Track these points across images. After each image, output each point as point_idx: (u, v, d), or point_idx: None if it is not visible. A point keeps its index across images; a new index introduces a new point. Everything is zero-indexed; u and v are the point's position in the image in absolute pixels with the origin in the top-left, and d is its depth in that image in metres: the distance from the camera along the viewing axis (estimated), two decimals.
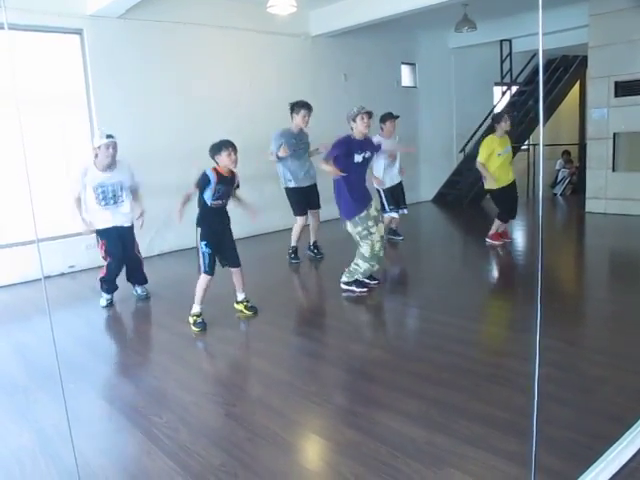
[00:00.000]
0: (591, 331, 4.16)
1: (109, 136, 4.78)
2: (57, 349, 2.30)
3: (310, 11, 8.60)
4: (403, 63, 10.54)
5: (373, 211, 5.05)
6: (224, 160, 4.23)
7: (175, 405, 3.12)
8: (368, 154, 5.02)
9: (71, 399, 3.25)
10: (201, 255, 4.38)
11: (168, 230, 7.18)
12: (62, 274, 6.41)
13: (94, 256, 5.23)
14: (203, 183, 4.23)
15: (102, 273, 5.07)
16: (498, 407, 2.86)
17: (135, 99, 6.98)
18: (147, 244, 7.21)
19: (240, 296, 4.72)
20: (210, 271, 4.38)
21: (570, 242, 7.52)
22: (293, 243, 6.45)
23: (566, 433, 2.55)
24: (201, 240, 4.36)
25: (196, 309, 4.44)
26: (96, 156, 4.81)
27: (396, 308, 4.93)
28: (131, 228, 5.13)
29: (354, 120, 4.90)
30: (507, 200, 6.67)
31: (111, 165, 4.86)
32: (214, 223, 4.39)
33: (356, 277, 5.13)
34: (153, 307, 5.12)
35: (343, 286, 5.17)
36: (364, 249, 5.01)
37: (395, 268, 6.34)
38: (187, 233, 7.13)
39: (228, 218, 4.52)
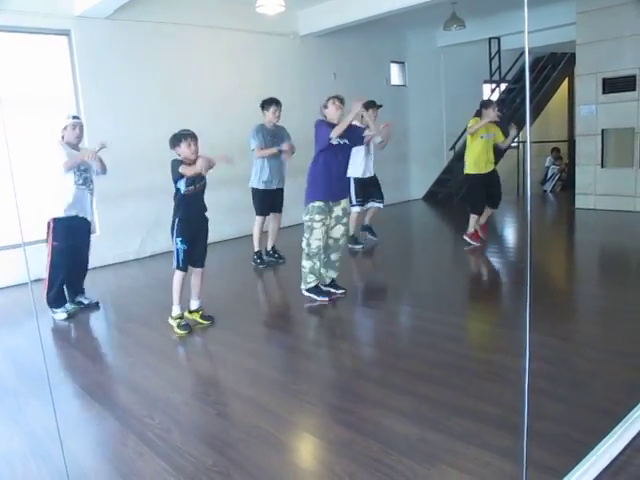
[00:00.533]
0: (581, 326, 4.19)
1: (75, 117, 4.84)
2: (47, 352, 2.29)
3: (299, 11, 8.59)
4: (392, 62, 10.57)
5: (338, 209, 4.86)
6: (184, 151, 4.15)
7: (166, 406, 3.11)
8: (345, 142, 4.76)
9: (62, 402, 3.24)
10: (175, 251, 4.26)
11: (159, 231, 7.15)
12: None
13: (92, 255, 5.16)
14: (178, 168, 4.08)
15: (46, 285, 4.84)
16: (490, 403, 2.87)
17: (123, 100, 6.95)
18: (139, 245, 7.20)
19: (194, 304, 4.51)
20: (184, 267, 4.29)
21: (560, 238, 7.56)
22: (256, 247, 6.32)
23: (557, 428, 2.57)
24: (177, 236, 4.24)
25: (176, 311, 4.35)
26: (62, 137, 4.76)
27: (386, 306, 4.93)
28: (90, 224, 5.04)
29: (326, 107, 4.79)
30: (482, 191, 6.54)
31: (77, 147, 4.83)
32: (190, 212, 4.27)
33: (310, 282, 4.90)
34: (144, 308, 5.10)
35: (305, 293, 4.95)
36: (303, 243, 4.83)
37: (385, 266, 6.35)
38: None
39: (204, 212, 4.39)
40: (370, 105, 6.52)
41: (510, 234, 7.81)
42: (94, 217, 5.05)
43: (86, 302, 5.17)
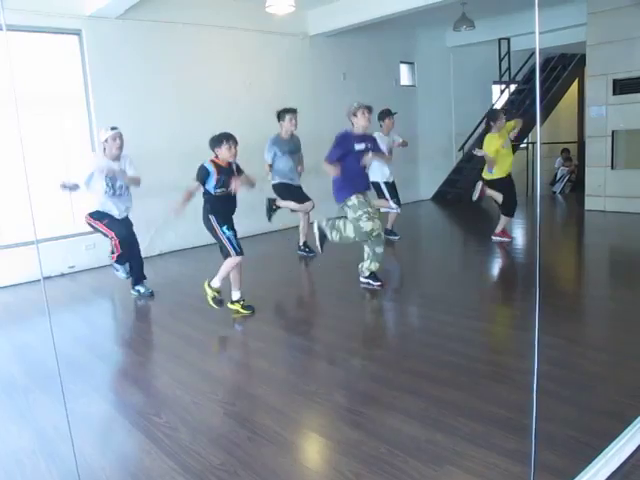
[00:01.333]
0: (590, 329, 4.17)
1: (114, 128, 4.96)
2: (57, 350, 2.30)
3: (308, 11, 8.60)
4: (402, 62, 10.55)
5: (370, 200, 5.06)
6: (224, 153, 4.28)
7: (175, 405, 3.12)
8: (370, 145, 5.00)
9: (71, 400, 3.25)
10: (226, 240, 4.38)
11: (168, 230, 7.19)
12: (62, 274, 6.40)
13: (94, 256, 5.22)
14: (203, 176, 4.27)
15: (117, 250, 5.04)
16: (498, 405, 2.86)
17: (134, 99, 6.98)
18: (147, 244, 7.22)
19: (236, 295, 4.66)
20: (240, 250, 4.43)
21: (569, 240, 7.52)
22: (303, 238, 6.62)
23: (566, 430, 2.56)
24: (220, 226, 4.37)
25: (217, 284, 4.52)
26: (104, 150, 4.95)
27: (396, 307, 4.93)
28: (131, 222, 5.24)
29: (355, 115, 4.92)
30: (506, 191, 6.62)
31: (118, 156, 4.99)
32: (224, 211, 4.43)
33: (374, 268, 5.11)
34: (153, 307, 5.12)
35: (362, 280, 5.20)
36: (364, 224, 4.91)
37: (395, 267, 6.34)
38: (187, 233, 7.17)
39: (235, 207, 4.54)
40: (386, 114, 6.65)
41: (519, 235, 7.77)
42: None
43: (142, 291, 5.36)
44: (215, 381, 3.56)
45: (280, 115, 6.22)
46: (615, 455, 2.29)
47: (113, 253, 5.07)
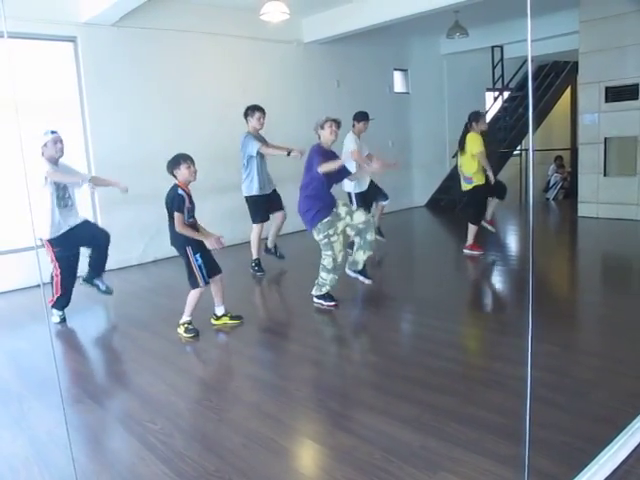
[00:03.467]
0: (583, 335, 4.19)
1: (53, 132, 4.71)
2: (51, 356, 2.31)
3: (302, 18, 8.63)
4: (395, 69, 10.59)
5: (340, 208, 4.86)
6: (184, 174, 4.19)
7: (169, 411, 3.12)
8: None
9: (66, 406, 3.25)
10: (197, 269, 4.24)
11: (162, 237, 7.16)
12: None
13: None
14: (180, 204, 4.17)
15: (56, 291, 4.80)
16: (491, 411, 2.87)
17: (128, 106, 6.99)
18: (142, 251, 7.23)
19: (220, 310, 4.56)
20: (207, 280, 4.33)
21: (562, 246, 7.56)
22: (255, 255, 6.31)
23: (559, 436, 2.57)
24: (194, 254, 4.23)
25: (187, 318, 4.39)
26: (42, 154, 4.64)
27: (389, 313, 4.93)
28: (86, 221, 4.98)
29: (322, 127, 4.77)
30: (486, 202, 6.68)
31: (57, 162, 4.72)
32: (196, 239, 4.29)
33: (323, 291, 4.90)
34: (147, 314, 5.11)
35: (314, 300, 4.97)
36: (326, 261, 4.81)
37: (387, 273, 6.36)
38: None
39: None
40: (362, 117, 6.54)
41: (512, 242, 7.82)
42: (79, 215, 4.97)
43: (102, 288, 5.18)
44: (209, 388, 3.57)
45: (248, 112, 6.05)
46: (608, 461, 2.30)
47: (52, 295, 4.82)
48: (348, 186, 6.45)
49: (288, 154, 5.93)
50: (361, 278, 5.19)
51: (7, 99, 5.35)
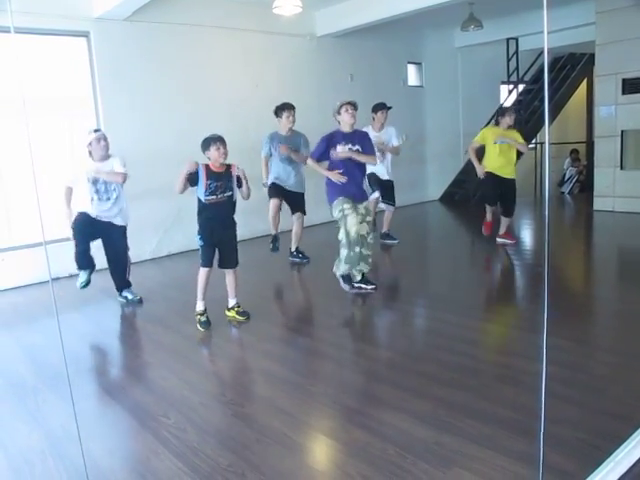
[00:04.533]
0: (599, 330, 4.15)
1: (97, 130, 4.98)
2: (65, 350, 2.32)
3: (315, 11, 8.60)
4: (409, 62, 10.53)
5: (361, 207, 4.96)
6: (213, 155, 4.28)
7: (183, 406, 3.13)
8: (357, 146, 4.93)
9: (80, 400, 3.27)
10: (200, 248, 4.40)
11: (177, 231, 7.20)
12: (70, 276, 6.41)
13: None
14: (192, 177, 4.27)
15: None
16: (506, 407, 2.85)
17: (141, 100, 7.01)
18: (155, 245, 7.26)
19: (231, 302, 4.62)
20: (206, 263, 4.40)
21: (578, 240, 7.49)
22: (273, 231, 6.38)
23: (574, 433, 2.55)
24: (197, 234, 4.38)
25: (200, 306, 4.46)
26: (90, 153, 4.90)
27: (403, 308, 4.92)
28: (122, 228, 5.13)
29: (339, 112, 4.92)
30: (495, 187, 6.59)
31: (105, 157, 4.94)
32: (211, 220, 4.35)
33: (343, 270, 4.98)
34: (161, 308, 5.14)
35: (337, 275, 5.08)
36: (340, 234, 4.92)
37: (402, 267, 6.33)
38: (195, 234, 7.18)
39: (230, 219, 4.46)
40: (379, 107, 6.54)
41: (528, 236, 7.76)
42: (122, 216, 5.15)
43: (130, 297, 5.29)
44: (223, 382, 3.58)
45: (277, 112, 6.14)
46: (624, 458, 2.28)
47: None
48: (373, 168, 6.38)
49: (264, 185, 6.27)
50: (364, 286, 5.13)
51: (22, 94, 5.39)
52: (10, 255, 6.21)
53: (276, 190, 6.22)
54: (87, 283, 5.05)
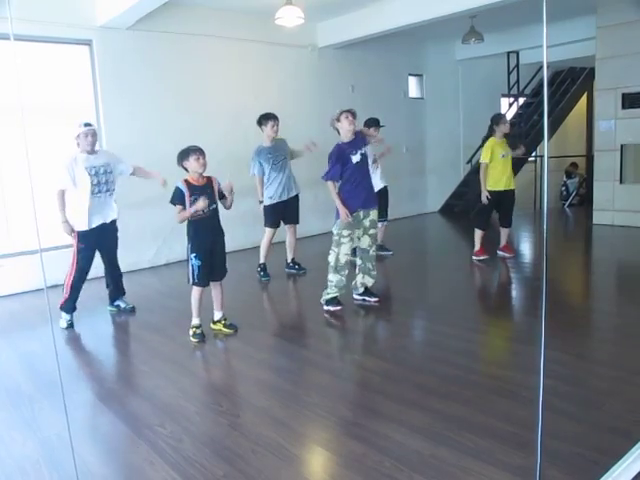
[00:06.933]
0: (597, 344, 4.14)
1: (87, 124, 4.87)
2: (61, 358, 2.31)
3: (317, 23, 8.64)
4: (410, 74, 10.58)
5: (367, 221, 4.92)
6: (192, 165, 4.18)
7: (179, 415, 3.12)
8: (364, 149, 4.88)
9: (75, 409, 3.26)
10: (190, 267, 4.27)
11: (175, 240, 7.19)
12: None
13: (100, 266, 5.20)
14: (178, 197, 4.16)
15: (66, 291, 4.88)
16: (503, 420, 2.84)
17: (143, 109, 7.03)
18: (154, 253, 7.25)
19: (218, 315, 4.54)
20: (201, 282, 4.33)
21: (577, 254, 7.48)
22: (262, 259, 6.29)
23: (572, 447, 2.53)
24: (191, 252, 4.26)
25: (195, 321, 4.41)
26: (78, 145, 4.84)
27: (401, 320, 4.91)
28: (114, 224, 5.07)
29: (338, 120, 4.83)
30: (491, 209, 6.62)
31: (92, 152, 4.88)
32: (202, 236, 4.27)
33: (330, 294, 4.95)
34: (158, 317, 5.12)
35: (324, 308, 4.99)
36: (330, 257, 4.90)
37: (399, 279, 6.32)
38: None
39: (219, 230, 4.39)
40: (373, 123, 6.51)
41: (526, 249, 7.76)
42: (116, 216, 5.10)
43: (123, 306, 5.28)
44: (219, 392, 3.56)
45: (262, 121, 6.02)
46: (622, 474, 2.26)
47: (63, 293, 4.90)
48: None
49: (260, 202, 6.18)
50: (367, 299, 5.15)
51: (20, 101, 5.41)
52: (8, 262, 6.20)
53: (274, 215, 6.16)
54: (72, 324, 4.95)
